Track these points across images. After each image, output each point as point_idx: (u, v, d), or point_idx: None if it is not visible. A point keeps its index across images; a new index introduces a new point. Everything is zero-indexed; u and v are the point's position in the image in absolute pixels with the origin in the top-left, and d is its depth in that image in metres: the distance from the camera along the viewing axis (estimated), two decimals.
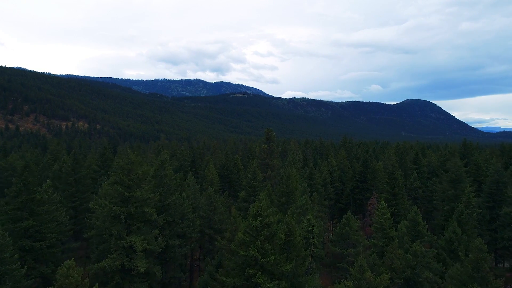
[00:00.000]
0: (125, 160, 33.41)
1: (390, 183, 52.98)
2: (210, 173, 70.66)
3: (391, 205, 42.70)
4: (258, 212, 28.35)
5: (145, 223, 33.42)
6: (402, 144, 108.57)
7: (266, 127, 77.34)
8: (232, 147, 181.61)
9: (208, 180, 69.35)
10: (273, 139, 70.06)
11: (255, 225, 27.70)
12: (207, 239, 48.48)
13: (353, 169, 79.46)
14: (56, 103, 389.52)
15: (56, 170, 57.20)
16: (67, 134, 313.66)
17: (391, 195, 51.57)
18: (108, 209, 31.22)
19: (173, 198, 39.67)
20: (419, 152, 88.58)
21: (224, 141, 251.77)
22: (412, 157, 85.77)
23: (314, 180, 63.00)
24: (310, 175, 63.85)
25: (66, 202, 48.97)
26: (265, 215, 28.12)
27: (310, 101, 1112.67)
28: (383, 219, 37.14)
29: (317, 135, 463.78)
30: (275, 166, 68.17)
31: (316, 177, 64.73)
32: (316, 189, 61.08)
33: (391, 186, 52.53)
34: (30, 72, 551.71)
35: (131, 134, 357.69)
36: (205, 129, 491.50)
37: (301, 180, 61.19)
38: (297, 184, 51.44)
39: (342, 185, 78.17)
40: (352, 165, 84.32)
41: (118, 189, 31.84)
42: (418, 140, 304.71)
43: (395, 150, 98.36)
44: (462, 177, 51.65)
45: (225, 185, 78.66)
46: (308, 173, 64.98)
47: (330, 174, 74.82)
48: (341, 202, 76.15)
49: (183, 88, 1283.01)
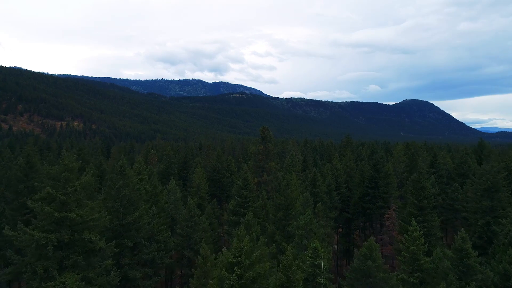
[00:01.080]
0: (59, 167, 24.04)
1: (416, 193, 42.52)
2: (197, 177, 61.43)
3: (418, 221, 33.26)
4: (236, 258, 18.52)
5: (86, 254, 24.04)
6: (411, 144, 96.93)
7: None
8: (229, 147, 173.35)
9: (194, 186, 60.22)
10: (269, 138, 61.27)
11: (230, 282, 17.62)
12: (185, 263, 39.12)
13: (361, 173, 69.70)
14: (51, 103, 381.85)
15: (8, 175, 47.77)
16: (61, 134, 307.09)
17: (416, 209, 41.53)
18: (28, 237, 21.91)
19: (135, 216, 30.26)
20: (437, 153, 77.99)
21: (222, 141, 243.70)
22: (425, 158, 76.06)
23: (318, 188, 53.95)
24: (313, 182, 54.42)
25: (14, 215, 39.70)
26: (247, 264, 18.22)
27: (309, 101, 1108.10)
28: (415, 245, 27.58)
29: (315, 135, 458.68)
30: (272, 169, 59.09)
31: (320, 183, 55.18)
32: (320, 198, 52.16)
33: (417, 198, 42.26)
34: (26, 71, 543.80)
35: (127, 134, 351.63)
36: (203, 129, 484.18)
37: (302, 187, 51.75)
38: (298, 193, 42.30)
39: (348, 192, 68.56)
40: (359, 168, 73.47)
41: (46, 208, 22.46)
42: (417, 141, 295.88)
43: (405, 151, 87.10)
44: (499, 185, 42.24)
45: (217, 191, 69.30)
46: (310, 179, 55.71)
47: (335, 179, 64.98)
48: (348, 211, 66.43)
49: (181, 88, 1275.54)
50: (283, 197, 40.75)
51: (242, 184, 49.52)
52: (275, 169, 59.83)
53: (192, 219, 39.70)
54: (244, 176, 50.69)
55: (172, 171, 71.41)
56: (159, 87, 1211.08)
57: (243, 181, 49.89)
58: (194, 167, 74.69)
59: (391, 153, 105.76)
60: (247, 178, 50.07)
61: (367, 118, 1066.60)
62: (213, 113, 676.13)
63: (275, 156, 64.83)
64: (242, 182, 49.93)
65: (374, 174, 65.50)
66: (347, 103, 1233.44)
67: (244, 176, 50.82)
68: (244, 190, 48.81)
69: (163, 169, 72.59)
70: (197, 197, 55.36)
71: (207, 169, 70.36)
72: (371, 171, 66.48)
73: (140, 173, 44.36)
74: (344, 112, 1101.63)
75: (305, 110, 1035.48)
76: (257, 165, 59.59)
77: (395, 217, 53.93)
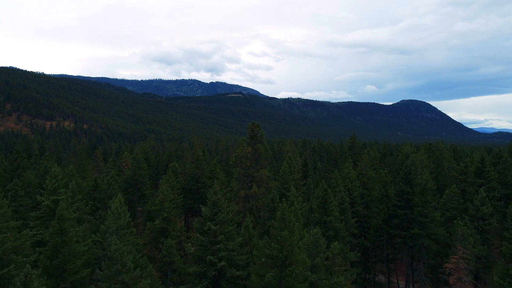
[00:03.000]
0: None
1: None
2: (162, 190, 46.87)
3: None
4: None
5: None
6: (435, 145, 78.88)
7: (261, 127, 52.13)
8: (224, 148, 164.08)
9: (157, 203, 45.47)
10: (260, 138, 47.34)
11: None
12: None
13: (383, 184, 53.20)
14: (42, 102, 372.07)
15: None
16: (51, 135, 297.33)
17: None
18: None
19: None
20: (486, 158, 59.20)
21: (217, 141, 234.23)
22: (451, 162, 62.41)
23: (330, 214, 38.04)
24: (322, 203, 38.85)
25: None
26: None
27: (306, 102, 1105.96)
28: None
29: (313, 135, 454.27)
30: (264, 179, 45.16)
31: (333, 206, 38.63)
32: (335, 230, 37.08)
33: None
34: (19, 70, 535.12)
35: (119, 134, 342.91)
36: (199, 129, 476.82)
37: (304, 209, 39.38)
38: (299, 226, 30.50)
39: (366, 210, 52.59)
40: (381, 177, 54.93)
41: None
42: (416, 141, 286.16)
43: (428, 154, 71.95)
44: None
45: (195, 204, 57.19)
46: (321, 199, 39.55)
47: (349, 193, 48.94)
48: (368, 239, 50.45)
49: (178, 88, 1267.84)
50: (279, 242, 27.06)
51: (210, 213, 34.05)
52: (267, 178, 46.06)
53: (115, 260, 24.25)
54: (213, 199, 34.14)
55: (140, 179, 59.09)
56: (156, 87, 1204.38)
57: (213, 205, 34.20)
58: None
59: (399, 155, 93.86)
60: (217, 203, 34.36)
61: (365, 118, 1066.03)
62: (210, 113, 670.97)
63: (268, 161, 49.80)
64: (211, 208, 34.17)
65: (405, 188, 48.73)
66: (344, 103, 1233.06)
67: (213, 199, 34.18)
68: (212, 224, 33.08)
69: (130, 176, 59.21)
70: (159, 219, 41.45)
71: (185, 177, 59.02)
72: (401, 183, 49.75)
73: (54, 192, 33.01)
74: (342, 112, 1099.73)
75: (303, 110, 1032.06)
76: (244, 172, 45.32)
77: (465, 266, 34.94)
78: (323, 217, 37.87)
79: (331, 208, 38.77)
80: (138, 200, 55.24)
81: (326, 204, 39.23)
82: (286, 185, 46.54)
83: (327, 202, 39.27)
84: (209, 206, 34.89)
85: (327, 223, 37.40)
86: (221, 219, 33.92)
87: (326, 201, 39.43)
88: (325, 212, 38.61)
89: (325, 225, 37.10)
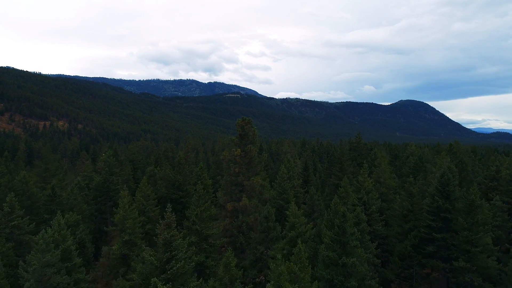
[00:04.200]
0: None
1: None
2: (123, 204, 36.14)
3: None
4: None
5: None
6: (456, 146, 68.22)
7: (259, 127, 42.19)
8: (221, 147, 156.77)
9: (117, 221, 34.61)
10: (252, 137, 39.42)
11: None
12: None
13: (409, 196, 42.05)
14: (35, 102, 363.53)
15: None
16: (44, 134, 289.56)
17: None
18: None
19: None
20: None
21: (214, 142, 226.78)
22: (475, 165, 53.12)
23: (351, 252, 26.57)
24: (339, 238, 26.63)
25: None
26: None
27: (304, 102, 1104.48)
28: None
29: (311, 135, 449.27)
30: (256, 188, 36.25)
31: (354, 237, 26.60)
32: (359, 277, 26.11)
33: None
34: (16, 70, 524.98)
35: (115, 134, 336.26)
36: (197, 129, 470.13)
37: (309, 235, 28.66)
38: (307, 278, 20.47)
39: (385, 229, 42.11)
40: (405, 188, 42.82)
41: None
42: (415, 141, 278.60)
43: (451, 156, 59.91)
44: None
45: (176, 217, 49.11)
46: (336, 230, 27.01)
47: (364, 207, 37.87)
48: (390, 268, 38.76)
49: (176, 88, 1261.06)
50: None
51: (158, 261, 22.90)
52: (261, 187, 37.02)
53: None
54: (165, 237, 23.06)
55: (112, 186, 49.58)
56: (153, 87, 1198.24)
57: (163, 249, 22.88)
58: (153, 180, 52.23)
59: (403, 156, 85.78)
60: (170, 243, 23.16)
61: (363, 118, 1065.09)
62: (208, 113, 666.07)
63: (261, 166, 40.43)
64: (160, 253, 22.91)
65: (443, 204, 37.37)
66: (342, 103, 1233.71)
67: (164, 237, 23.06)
68: (159, 280, 21.74)
69: (100, 183, 49.64)
70: (119, 243, 31.94)
71: (164, 183, 50.51)
72: (437, 196, 38.11)
73: None
74: (340, 112, 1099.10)
75: (301, 110, 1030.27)
76: (232, 180, 36.92)
77: None
78: (340, 257, 25.76)
79: (353, 244, 26.41)
80: (110, 211, 46.97)
81: (345, 236, 26.46)
82: (284, 195, 38.37)
83: (346, 233, 26.46)
84: (160, 248, 23.06)
85: (347, 267, 25.52)
86: (175, 272, 21.75)
87: (344, 233, 26.61)
88: (343, 249, 26.38)
89: (343, 269, 25.67)
